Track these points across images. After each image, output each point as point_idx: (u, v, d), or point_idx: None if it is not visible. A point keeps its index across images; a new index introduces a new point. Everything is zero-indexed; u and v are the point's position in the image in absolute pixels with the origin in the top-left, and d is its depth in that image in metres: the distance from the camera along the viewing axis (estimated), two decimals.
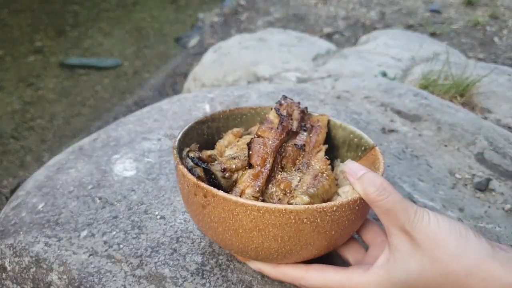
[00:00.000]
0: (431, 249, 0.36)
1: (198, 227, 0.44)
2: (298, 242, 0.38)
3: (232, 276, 0.47)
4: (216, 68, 1.61)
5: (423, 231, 0.36)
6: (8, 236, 0.55)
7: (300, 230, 0.37)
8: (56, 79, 2.29)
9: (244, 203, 0.37)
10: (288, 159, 0.45)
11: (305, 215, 0.37)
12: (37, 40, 2.74)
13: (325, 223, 0.38)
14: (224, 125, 0.52)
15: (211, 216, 0.39)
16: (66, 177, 0.65)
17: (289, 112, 0.47)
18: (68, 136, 1.82)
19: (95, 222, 0.55)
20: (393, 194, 0.37)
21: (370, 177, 0.38)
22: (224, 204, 0.38)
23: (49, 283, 0.50)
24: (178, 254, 0.50)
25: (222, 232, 0.40)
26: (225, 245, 0.42)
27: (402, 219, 0.37)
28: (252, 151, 0.43)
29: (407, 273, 0.37)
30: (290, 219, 0.37)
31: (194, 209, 0.41)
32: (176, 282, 0.47)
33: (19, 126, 1.87)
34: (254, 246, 0.39)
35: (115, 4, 3.54)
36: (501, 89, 1.19)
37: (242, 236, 0.39)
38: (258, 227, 0.37)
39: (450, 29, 2.49)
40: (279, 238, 0.38)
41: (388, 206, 0.37)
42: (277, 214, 0.36)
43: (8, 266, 0.53)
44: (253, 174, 0.42)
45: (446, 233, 0.36)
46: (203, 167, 0.43)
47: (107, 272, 0.48)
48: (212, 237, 0.43)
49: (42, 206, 0.59)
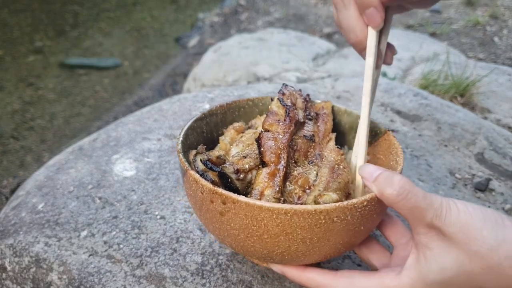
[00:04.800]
0: (466, 243, 0.33)
1: (214, 235, 0.41)
2: (327, 242, 0.36)
3: (232, 276, 0.47)
4: (216, 68, 1.61)
5: (454, 224, 0.33)
6: (8, 236, 0.55)
7: (330, 229, 0.35)
8: (56, 79, 2.29)
9: (270, 208, 0.34)
10: (300, 152, 0.43)
11: (336, 214, 0.34)
12: (37, 40, 2.74)
13: (355, 220, 0.36)
14: (223, 119, 0.50)
15: (231, 223, 0.37)
16: (66, 177, 0.65)
17: (293, 101, 0.45)
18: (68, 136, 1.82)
19: (95, 222, 0.55)
20: (413, 191, 0.34)
21: (386, 177, 0.35)
22: (246, 210, 0.35)
23: (49, 283, 0.50)
24: (178, 254, 0.50)
25: (243, 240, 0.37)
26: (247, 252, 0.39)
27: (428, 215, 0.34)
28: (263, 148, 0.41)
29: (443, 272, 0.34)
30: (320, 219, 0.34)
31: (210, 217, 0.38)
32: (176, 282, 0.47)
33: (19, 126, 1.87)
34: (280, 251, 0.37)
35: (115, 4, 3.54)
36: (501, 89, 1.19)
37: (266, 242, 0.36)
38: (285, 231, 0.35)
39: (450, 29, 2.49)
40: (308, 240, 0.36)
41: (410, 205, 0.34)
42: (306, 216, 0.34)
43: (8, 266, 0.53)
44: (269, 173, 0.40)
45: (481, 223, 0.33)
46: (218, 171, 0.39)
47: (107, 272, 0.48)
48: (231, 244, 0.40)
49: (42, 206, 0.59)
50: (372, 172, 0.36)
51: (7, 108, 1.99)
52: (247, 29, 2.74)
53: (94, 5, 3.43)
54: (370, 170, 0.37)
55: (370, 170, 0.37)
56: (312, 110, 0.48)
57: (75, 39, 2.80)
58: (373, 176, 0.36)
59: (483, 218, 0.33)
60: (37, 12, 3.24)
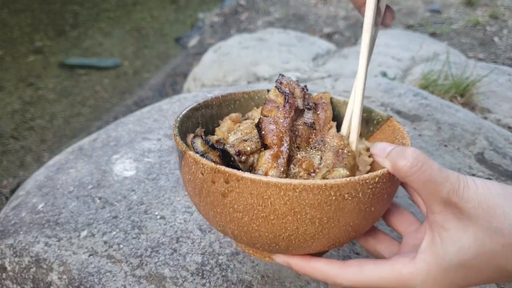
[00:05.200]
0: (486, 219, 0.30)
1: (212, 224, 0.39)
2: (337, 224, 0.34)
3: (232, 276, 0.47)
4: (216, 68, 1.61)
5: (473, 199, 0.31)
6: (8, 236, 0.55)
7: (341, 208, 0.33)
8: (56, 79, 2.30)
9: (277, 183, 0.32)
10: (302, 138, 0.42)
11: (347, 190, 0.32)
12: (37, 40, 2.74)
13: (366, 198, 0.34)
14: (218, 112, 0.49)
15: (234, 205, 0.34)
16: (66, 177, 0.65)
17: (291, 90, 0.45)
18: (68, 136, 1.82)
19: (95, 222, 0.55)
20: (428, 163, 0.31)
21: (399, 151, 0.33)
22: (252, 188, 0.33)
23: (49, 283, 0.50)
24: (178, 254, 0.50)
25: (248, 223, 0.35)
26: (251, 238, 0.36)
27: (445, 189, 0.31)
28: (265, 131, 0.39)
29: (461, 253, 0.31)
30: (330, 196, 0.32)
31: (211, 201, 0.36)
32: (176, 282, 0.47)
33: (19, 126, 1.87)
34: (287, 234, 0.34)
35: (115, 4, 3.54)
36: (501, 89, 1.19)
37: (273, 224, 0.34)
38: (293, 209, 0.33)
39: (450, 29, 2.49)
40: (317, 220, 0.33)
41: (425, 177, 0.31)
42: (316, 192, 0.32)
43: (8, 266, 0.53)
44: (272, 155, 0.38)
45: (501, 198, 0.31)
46: (220, 149, 0.37)
47: (107, 272, 0.48)
48: (233, 231, 0.37)
49: (42, 206, 0.59)
50: (384, 147, 0.34)
51: (7, 108, 1.99)
52: (247, 29, 2.74)
53: (94, 5, 3.44)
54: (383, 146, 0.34)
55: (382, 146, 0.35)
56: (310, 100, 0.47)
57: (75, 39, 2.80)
58: (385, 151, 0.34)
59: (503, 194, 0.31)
60: (37, 12, 3.24)
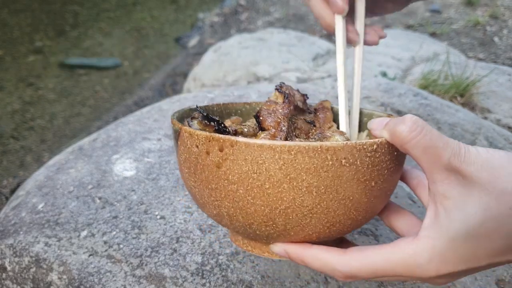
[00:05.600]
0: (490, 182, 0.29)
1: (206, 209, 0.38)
2: (336, 195, 0.33)
3: (232, 276, 0.47)
4: (216, 68, 1.61)
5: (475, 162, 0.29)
6: (8, 236, 0.55)
7: (338, 176, 0.32)
8: (56, 79, 2.30)
9: (271, 146, 0.31)
10: (301, 131, 0.41)
11: (343, 154, 0.31)
12: (37, 40, 2.74)
13: (365, 168, 0.33)
14: None
15: (228, 176, 0.33)
16: (66, 177, 0.65)
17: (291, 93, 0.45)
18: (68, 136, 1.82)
19: (95, 222, 0.55)
20: (427, 128, 0.30)
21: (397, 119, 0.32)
22: (246, 153, 0.32)
23: (49, 283, 0.50)
24: (178, 254, 0.50)
25: (243, 196, 0.34)
26: (246, 215, 0.35)
27: (446, 154, 0.30)
28: (262, 118, 0.39)
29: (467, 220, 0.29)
30: (326, 160, 0.31)
31: (206, 177, 0.35)
32: (176, 282, 0.47)
33: (19, 126, 1.87)
34: (283, 206, 0.33)
35: (115, 4, 3.54)
36: (501, 89, 1.19)
37: (269, 194, 0.33)
38: (289, 175, 0.32)
39: (450, 29, 2.49)
40: (314, 189, 0.32)
41: (425, 143, 0.30)
42: (311, 154, 0.31)
43: (8, 266, 0.53)
44: (270, 135, 0.38)
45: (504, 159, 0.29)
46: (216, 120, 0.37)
47: (107, 272, 0.48)
48: (229, 209, 0.35)
49: (42, 206, 0.59)
50: (381, 120, 0.33)
51: (7, 108, 1.99)
52: (247, 29, 2.74)
53: (94, 5, 3.44)
54: (381, 119, 0.34)
55: (380, 119, 0.34)
56: (310, 108, 0.47)
57: (75, 39, 2.80)
58: (383, 123, 0.33)
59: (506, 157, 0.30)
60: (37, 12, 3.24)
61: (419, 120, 0.31)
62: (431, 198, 0.32)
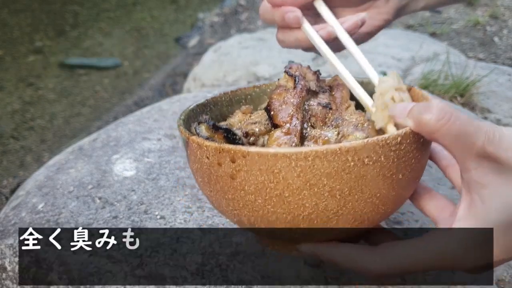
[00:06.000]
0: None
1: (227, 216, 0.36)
2: (361, 195, 0.31)
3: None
4: (216, 68, 1.61)
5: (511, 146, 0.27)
6: (8, 236, 0.55)
7: (362, 175, 0.30)
8: (56, 79, 2.30)
9: (286, 154, 0.29)
10: (317, 118, 0.39)
11: (366, 153, 0.29)
12: (37, 40, 2.74)
13: (390, 162, 0.30)
14: (228, 109, 0.45)
15: (244, 186, 0.31)
16: (66, 177, 0.65)
17: (302, 74, 0.42)
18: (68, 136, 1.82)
19: (95, 222, 0.55)
20: (456, 114, 0.28)
21: (422, 105, 0.30)
22: (260, 163, 0.30)
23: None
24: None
25: (262, 205, 0.31)
26: (268, 223, 0.33)
27: (479, 140, 0.28)
28: (274, 112, 0.37)
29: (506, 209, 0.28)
30: (347, 161, 0.29)
31: (221, 188, 0.33)
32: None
33: (19, 126, 1.87)
34: (306, 213, 0.31)
35: (115, 4, 3.54)
36: (501, 89, 1.19)
37: (289, 202, 0.31)
38: (308, 182, 0.29)
39: (450, 29, 2.49)
40: (338, 192, 0.30)
41: (455, 130, 0.28)
42: (330, 158, 0.29)
43: (8, 266, 0.53)
44: (283, 132, 0.35)
45: None
46: (224, 128, 0.35)
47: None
48: (249, 219, 0.33)
49: (42, 206, 0.59)
50: (405, 106, 0.31)
51: (7, 108, 1.99)
52: (247, 29, 2.74)
53: (94, 5, 3.44)
54: (403, 106, 0.31)
55: (402, 105, 0.31)
56: (324, 84, 0.44)
57: (75, 39, 2.80)
58: (406, 110, 0.30)
59: None
60: (37, 12, 3.24)
61: (446, 106, 0.28)
62: (465, 186, 0.30)
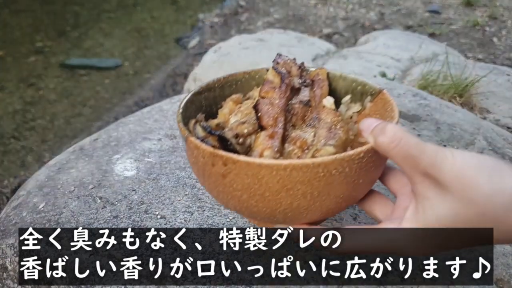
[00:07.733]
0: (461, 191, 0.32)
1: (217, 200, 0.43)
2: (327, 196, 0.37)
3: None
4: (216, 69, 1.62)
5: (449, 171, 0.32)
6: (9, 236, 0.56)
7: (329, 183, 0.36)
8: (57, 79, 2.30)
9: (269, 164, 0.35)
10: (297, 116, 0.44)
11: (334, 166, 0.35)
12: (38, 40, 2.74)
13: (353, 172, 0.36)
14: (220, 93, 0.51)
15: (233, 184, 0.37)
16: (66, 177, 0.65)
17: (288, 69, 0.47)
18: (68, 136, 1.82)
19: (95, 222, 0.56)
20: (405, 139, 0.33)
21: (380, 127, 0.35)
22: (247, 169, 0.36)
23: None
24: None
25: (247, 200, 0.38)
26: (251, 212, 0.40)
27: (422, 163, 0.33)
28: (261, 113, 0.43)
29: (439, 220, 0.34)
30: (318, 173, 0.35)
31: (213, 181, 0.39)
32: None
33: (20, 126, 1.88)
34: (282, 208, 0.38)
35: (116, 5, 3.55)
36: (500, 89, 1.19)
37: (269, 200, 0.37)
38: (285, 187, 0.36)
39: (449, 30, 2.49)
40: (309, 195, 0.36)
41: (403, 152, 0.33)
42: (304, 170, 0.35)
43: (9, 265, 0.53)
44: (268, 135, 0.41)
45: (476, 171, 0.32)
46: (217, 134, 0.40)
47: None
48: (235, 207, 0.41)
49: (43, 206, 0.59)
50: (370, 124, 0.36)
51: (8, 108, 2.00)
52: (247, 29, 2.75)
53: (95, 6, 3.44)
54: (369, 122, 0.37)
55: (369, 122, 0.37)
56: (307, 77, 0.49)
57: (76, 39, 2.81)
58: (370, 127, 0.36)
59: (479, 166, 0.32)
60: (38, 12, 3.25)
61: (399, 131, 0.34)
62: (414, 194, 0.36)
